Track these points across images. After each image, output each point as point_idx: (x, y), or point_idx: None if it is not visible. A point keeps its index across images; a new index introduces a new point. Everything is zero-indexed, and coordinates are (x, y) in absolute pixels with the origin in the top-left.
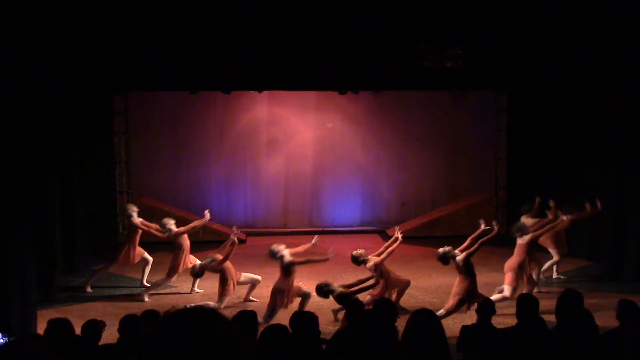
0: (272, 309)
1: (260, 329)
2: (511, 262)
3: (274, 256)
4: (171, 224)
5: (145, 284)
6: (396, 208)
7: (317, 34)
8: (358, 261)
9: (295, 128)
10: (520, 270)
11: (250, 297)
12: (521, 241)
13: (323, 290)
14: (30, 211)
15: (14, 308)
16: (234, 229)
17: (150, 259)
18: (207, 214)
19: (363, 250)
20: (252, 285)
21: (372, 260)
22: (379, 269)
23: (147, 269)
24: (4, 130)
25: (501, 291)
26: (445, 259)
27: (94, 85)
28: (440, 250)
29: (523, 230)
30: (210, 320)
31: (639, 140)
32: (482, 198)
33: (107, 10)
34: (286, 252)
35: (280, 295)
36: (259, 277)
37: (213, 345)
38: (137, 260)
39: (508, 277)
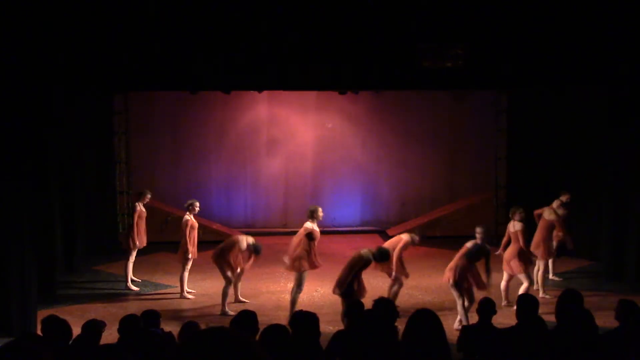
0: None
1: None
2: (510, 251)
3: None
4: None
5: (131, 286)
6: (396, 208)
7: (317, 34)
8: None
9: (295, 128)
10: (522, 256)
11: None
12: (513, 229)
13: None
14: (30, 211)
15: (14, 308)
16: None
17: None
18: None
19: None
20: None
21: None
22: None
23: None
24: (4, 130)
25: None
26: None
27: (94, 85)
28: None
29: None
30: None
31: (638, 139)
32: (482, 198)
33: (108, 10)
34: None
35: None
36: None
37: None
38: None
39: (514, 266)
